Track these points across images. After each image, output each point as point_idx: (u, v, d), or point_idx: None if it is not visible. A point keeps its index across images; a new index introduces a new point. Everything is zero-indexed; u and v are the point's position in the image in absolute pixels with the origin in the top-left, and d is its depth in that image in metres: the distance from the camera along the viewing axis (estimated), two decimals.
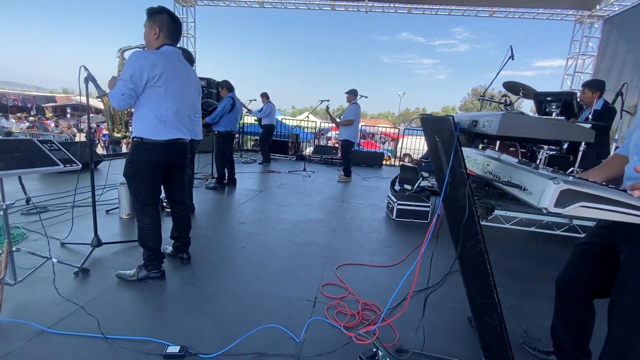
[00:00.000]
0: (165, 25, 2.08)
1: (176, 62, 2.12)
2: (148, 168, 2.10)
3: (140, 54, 2.01)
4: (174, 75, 2.07)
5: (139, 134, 2.06)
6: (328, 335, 1.80)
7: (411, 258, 2.92)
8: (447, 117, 1.37)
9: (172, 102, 2.08)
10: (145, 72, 1.94)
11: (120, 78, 1.96)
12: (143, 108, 2.04)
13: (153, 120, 2.05)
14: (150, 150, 2.08)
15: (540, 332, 1.94)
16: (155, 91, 2.01)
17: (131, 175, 2.13)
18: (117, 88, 1.96)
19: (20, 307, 1.83)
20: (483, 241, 1.44)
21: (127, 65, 1.96)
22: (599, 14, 8.55)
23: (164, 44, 2.10)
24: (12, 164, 1.70)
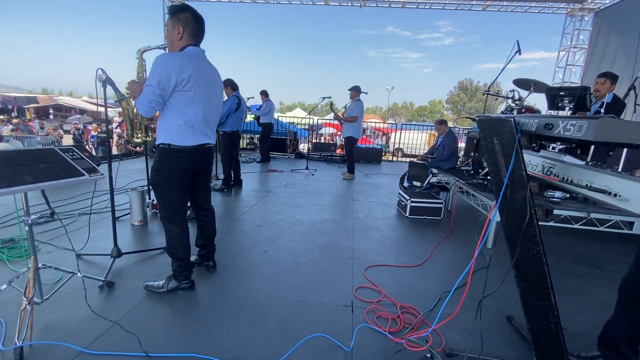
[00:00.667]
0: (190, 24, 1.97)
1: (202, 63, 2.01)
2: (176, 175, 2.01)
3: (167, 57, 1.89)
4: (201, 78, 1.96)
5: (166, 140, 1.96)
6: (374, 341, 1.77)
7: (435, 256, 2.92)
8: (508, 119, 1.34)
9: (200, 106, 1.98)
10: (173, 76, 1.84)
11: (147, 84, 1.85)
12: (170, 113, 1.94)
13: (181, 125, 1.95)
14: (179, 157, 1.99)
15: (577, 328, 1.95)
16: (184, 95, 1.91)
17: (159, 184, 2.03)
18: (144, 95, 1.85)
19: (50, 327, 1.74)
20: (541, 244, 1.42)
21: (154, 70, 1.85)
22: (590, 7, 8.71)
23: (188, 45, 1.99)
24: (40, 176, 1.60)
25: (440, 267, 2.74)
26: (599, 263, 2.99)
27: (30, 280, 1.68)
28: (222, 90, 2.32)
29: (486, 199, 3.34)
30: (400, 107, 56.68)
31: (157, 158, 2.01)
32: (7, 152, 1.64)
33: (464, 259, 2.94)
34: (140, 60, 2.25)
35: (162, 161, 1.99)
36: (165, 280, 2.12)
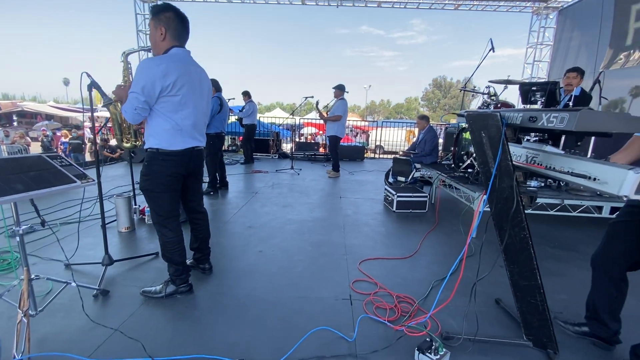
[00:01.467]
0: (172, 24, 1.92)
1: (188, 65, 1.96)
2: (166, 179, 1.99)
3: (151, 62, 1.84)
4: (187, 81, 1.92)
5: (155, 144, 1.94)
6: (375, 331, 1.84)
7: (424, 248, 3.04)
8: (494, 114, 1.44)
9: (187, 110, 1.95)
10: (157, 82, 1.80)
11: (131, 90, 1.81)
12: (157, 118, 1.91)
13: (169, 130, 1.92)
14: (168, 161, 1.96)
15: (559, 306, 2.10)
16: (170, 101, 1.87)
17: (149, 188, 2.01)
18: (129, 102, 1.81)
19: (47, 338, 1.70)
20: (527, 228, 1.54)
21: (137, 76, 1.81)
22: (554, 6, 9.20)
23: (172, 46, 1.94)
24: (31, 184, 1.55)
25: (430, 257, 2.86)
26: (574, 246, 3.21)
27: (25, 292, 1.63)
28: (210, 92, 2.28)
29: (468, 190, 3.50)
30: (378, 105, 57.52)
31: (146, 162, 1.99)
32: None
33: (451, 249, 3.07)
34: (126, 63, 2.20)
35: (151, 165, 1.97)
36: (163, 285, 2.10)
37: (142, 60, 1.88)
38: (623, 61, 6.75)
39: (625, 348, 1.66)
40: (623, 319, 1.70)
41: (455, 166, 4.53)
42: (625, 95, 6.60)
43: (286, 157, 8.83)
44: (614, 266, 1.59)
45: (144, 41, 10.43)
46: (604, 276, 1.64)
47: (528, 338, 1.73)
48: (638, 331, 1.80)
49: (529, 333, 1.73)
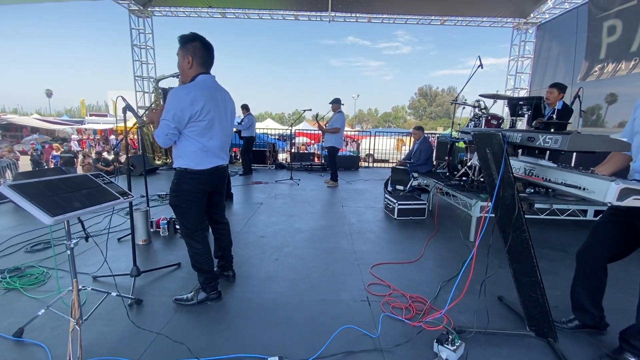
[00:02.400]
0: (199, 52, 2.09)
1: (213, 91, 2.13)
2: (193, 196, 2.14)
3: (181, 91, 2.00)
4: (214, 106, 2.09)
5: (183, 164, 2.10)
6: (394, 328, 2.03)
7: (428, 252, 3.26)
8: (497, 133, 1.69)
9: (214, 133, 2.11)
10: (187, 110, 1.97)
11: (162, 117, 1.98)
12: (185, 141, 2.07)
13: (196, 151, 2.08)
14: (195, 179, 2.12)
15: (554, 301, 2.33)
16: (198, 125, 2.04)
17: (178, 204, 2.17)
18: (160, 128, 1.99)
19: (94, 345, 1.82)
20: (527, 231, 1.77)
21: (168, 105, 1.98)
22: (533, 21, 9.80)
23: (198, 73, 2.11)
24: (85, 202, 1.70)
25: (434, 261, 3.08)
26: (563, 247, 3.49)
27: (75, 301, 1.76)
28: (234, 112, 2.42)
29: (466, 197, 3.76)
30: (366, 114, 58.44)
31: (175, 180, 2.15)
32: (48, 180, 1.72)
33: (452, 253, 3.30)
34: (157, 89, 2.38)
35: (179, 183, 2.13)
36: (194, 293, 2.25)
37: (172, 89, 2.05)
38: (598, 73, 7.26)
39: (615, 335, 1.89)
40: (611, 312, 1.94)
41: (451, 174, 4.81)
42: (602, 102, 7.10)
43: (283, 168, 9.02)
44: (596, 260, 1.83)
45: (139, 55, 10.55)
46: (588, 269, 1.88)
47: (531, 329, 1.95)
48: (624, 320, 2.04)
49: (531, 324, 1.95)
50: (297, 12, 10.21)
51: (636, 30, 6.29)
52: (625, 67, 6.50)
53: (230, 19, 10.71)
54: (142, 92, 10.62)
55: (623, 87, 6.63)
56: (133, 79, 10.58)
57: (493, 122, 4.32)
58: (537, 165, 1.67)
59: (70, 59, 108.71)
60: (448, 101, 53.01)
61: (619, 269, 1.86)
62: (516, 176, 1.74)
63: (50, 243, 3.24)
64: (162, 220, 3.56)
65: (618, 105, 6.79)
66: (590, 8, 7.47)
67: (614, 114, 6.91)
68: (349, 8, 9.69)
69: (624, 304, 2.27)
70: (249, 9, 10.12)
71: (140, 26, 10.45)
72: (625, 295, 2.39)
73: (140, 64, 10.62)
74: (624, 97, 6.63)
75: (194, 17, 10.67)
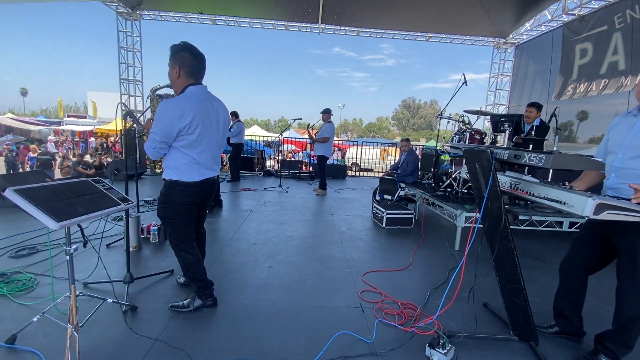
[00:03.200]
0: (186, 62, 2.04)
1: (204, 102, 2.08)
2: (183, 207, 2.13)
3: (168, 104, 1.97)
4: (204, 118, 2.06)
5: (173, 176, 2.08)
6: (387, 333, 2.11)
7: (416, 260, 3.38)
8: (486, 150, 1.82)
9: (203, 145, 2.09)
10: (175, 124, 1.95)
11: (151, 131, 1.98)
12: (176, 153, 2.06)
13: (186, 164, 2.06)
14: (185, 191, 2.10)
15: (534, 307, 2.46)
16: (187, 138, 2.02)
17: (166, 216, 2.15)
18: (149, 141, 1.99)
19: (91, 351, 1.81)
20: (512, 240, 1.91)
21: (157, 118, 1.97)
22: (512, 41, 10.35)
23: (188, 84, 2.07)
24: (89, 207, 1.71)
25: (422, 268, 3.20)
26: (541, 256, 3.69)
27: (73, 307, 1.75)
28: (227, 122, 2.36)
29: (451, 208, 3.92)
30: (351, 123, 59.21)
31: (165, 192, 2.13)
32: (52, 185, 1.72)
33: (440, 261, 3.44)
34: (154, 98, 2.41)
35: (169, 195, 2.11)
36: (190, 300, 2.26)
37: (161, 102, 2.02)
38: (571, 92, 7.74)
39: (591, 339, 2.04)
40: (588, 318, 2.10)
41: (436, 185, 5.00)
42: (573, 119, 7.57)
43: (270, 175, 9.04)
44: (576, 271, 1.99)
45: (125, 58, 10.39)
46: (569, 280, 2.03)
47: (514, 333, 2.08)
48: (599, 325, 2.20)
49: (515, 329, 2.08)
50: (287, 23, 10.37)
51: (605, 53, 6.78)
52: (595, 88, 6.98)
53: (221, 26, 10.76)
54: (128, 95, 10.43)
55: (593, 105, 7.11)
56: (118, 82, 10.40)
57: (476, 137, 4.54)
58: (522, 180, 1.82)
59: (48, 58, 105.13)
60: (430, 114, 54.58)
61: (593, 278, 2.01)
62: (502, 190, 1.88)
63: (36, 248, 3.16)
64: (153, 226, 3.53)
65: (588, 123, 7.26)
66: (564, 31, 8.00)
67: (584, 130, 7.38)
68: (339, 21, 9.95)
69: (598, 311, 2.44)
70: (240, 17, 10.21)
71: (127, 29, 10.33)
72: (599, 303, 2.57)
73: (127, 67, 10.46)
74: (594, 114, 7.09)
75: (184, 23, 10.66)
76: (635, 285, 1.69)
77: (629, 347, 1.82)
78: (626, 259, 1.72)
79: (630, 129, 1.72)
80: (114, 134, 14.52)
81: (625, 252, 1.72)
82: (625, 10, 6.36)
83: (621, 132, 1.78)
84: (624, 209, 1.34)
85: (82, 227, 1.91)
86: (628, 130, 1.73)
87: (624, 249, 1.72)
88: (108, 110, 24.14)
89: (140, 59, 10.71)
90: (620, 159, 1.72)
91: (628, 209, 1.34)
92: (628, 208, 1.34)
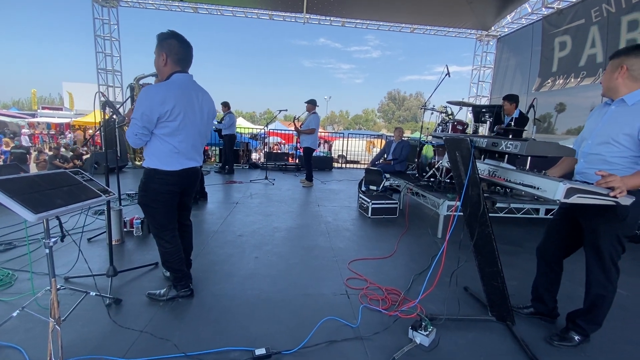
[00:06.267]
0: (173, 50, 2.03)
1: (188, 90, 2.08)
2: (162, 196, 2.11)
3: (150, 90, 1.96)
4: (186, 107, 2.04)
5: (153, 165, 2.06)
6: (372, 318, 2.17)
7: (400, 248, 3.46)
8: (466, 139, 1.88)
9: (185, 134, 2.07)
10: (155, 110, 1.93)
11: (132, 116, 1.95)
12: (156, 141, 2.04)
13: (166, 152, 2.04)
14: (164, 180, 2.08)
15: (511, 289, 2.58)
16: (168, 125, 2.00)
17: (146, 204, 2.13)
18: (130, 127, 1.95)
19: (75, 345, 1.79)
20: (491, 226, 1.98)
21: (138, 104, 1.93)
22: (493, 34, 10.52)
23: (173, 72, 2.06)
24: (68, 199, 1.67)
25: (406, 256, 3.28)
26: (518, 242, 3.84)
27: (54, 301, 1.72)
28: (212, 114, 2.34)
29: (434, 197, 4.02)
30: (338, 115, 59.17)
31: (144, 180, 2.11)
32: (27, 177, 1.67)
33: (423, 248, 3.53)
34: (138, 88, 2.34)
35: (148, 182, 2.09)
36: (166, 289, 2.26)
37: (143, 87, 2.00)
38: (550, 84, 7.96)
39: (563, 319, 2.15)
40: (563, 300, 2.21)
41: (420, 176, 5.10)
42: (552, 111, 7.81)
43: (257, 167, 8.98)
44: (552, 255, 2.09)
45: (102, 47, 10.00)
46: (545, 263, 2.13)
47: (492, 314, 2.17)
48: (571, 304, 2.32)
49: (493, 310, 2.18)
50: (272, 12, 10.20)
51: (584, 46, 6.99)
52: (574, 80, 7.20)
53: (202, 14, 10.47)
54: (106, 85, 10.07)
55: (570, 98, 7.34)
56: (96, 72, 10.02)
57: (459, 127, 4.64)
58: (499, 167, 1.88)
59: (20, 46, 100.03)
60: (415, 105, 55.06)
61: (570, 262, 2.11)
62: (481, 177, 1.95)
63: (13, 244, 3.06)
64: (136, 219, 3.47)
65: (566, 114, 7.51)
66: (544, 24, 8.18)
67: (562, 122, 7.62)
68: (324, 11, 9.85)
69: (572, 292, 2.57)
70: (223, 6, 9.96)
71: (104, 16, 9.92)
72: (574, 285, 2.70)
73: (104, 56, 10.08)
74: (571, 106, 7.33)
75: (164, 10, 10.33)
76: (600, 265, 1.79)
77: (598, 324, 1.93)
78: (591, 241, 1.81)
79: (602, 117, 1.81)
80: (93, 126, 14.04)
81: (589, 234, 1.82)
82: (602, 4, 6.55)
83: (594, 120, 1.87)
84: (592, 193, 1.41)
85: (60, 220, 1.86)
86: (600, 118, 1.82)
87: (588, 232, 1.82)
88: (85, 101, 23.31)
89: (119, 48, 10.34)
90: (589, 144, 1.81)
91: (595, 193, 1.42)
92: (596, 192, 1.42)
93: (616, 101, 1.76)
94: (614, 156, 1.69)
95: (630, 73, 1.68)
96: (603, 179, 1.46)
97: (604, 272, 1.78)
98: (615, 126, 1.70)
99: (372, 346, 1.89)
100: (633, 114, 1.65)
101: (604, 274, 1.79)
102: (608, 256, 1.76)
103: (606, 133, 1.72)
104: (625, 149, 1.65)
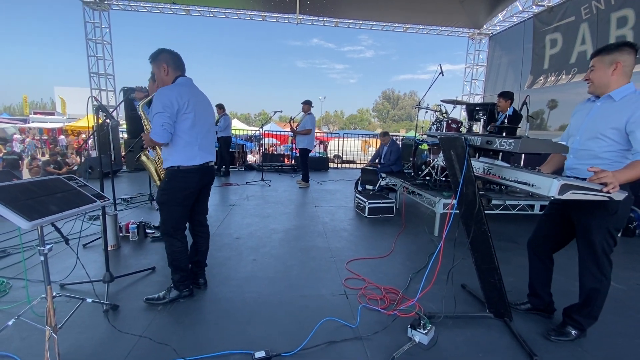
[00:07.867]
0: (170, 60, 2.19)
1: (194, 89, 2.24)
2: (183, 194, 2.20)
3: (164, 89, 2.09)
4: (198, 102, 2.19)
5: (175, 162, 2.15)
6: (371, 317, 2.18)
7: (397, 247, 3.47)
8: (460, 137, 1.89)
9: (200, 127, 2.19)
10: (175, 101, 2.05)
11: (154, 112, 2.04)
12: (176, 138, 2.13)
13: (187, 147, 2.14)
14: (187, 177, 2.18)
15: (508, 286, 2.59)
16: (186, 118, 2.11)
17: (165, 202, 2.20)
18: (155, 121, 2.03)
19: (72, 352, 1.77)
20: (487, 223, 2.00)
21: (156, 101, 2.05)
22: (485, 32, 10.60)
23: (177, 77, 2.20)
24: (62, 205, 1.65)
25: (403, 255, 3.29)
26: (514, 238, 3.87)
27: (50, 309, 1.70)
28: (213, 115, 2.49)
29: (430, 195, 4.03)
30: (333, 115, 59.22)
31: (167, 179, 2.19)
32: (20, 184, 1.65)
33: (420, 247, 3.54)
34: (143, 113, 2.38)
35: (171, 181, 2.17)
36: (165, 292, 2.26)
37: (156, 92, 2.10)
38: (542, 82, 8.04)
39: (560, 314, 2.17)
40: (558, 295, 2.23)
41: (415, 174, 5.11)
42: (544, 107, 7.88)
43: (252, 169, 8.96)
44: (542, 248, 2.12)
45: (94, 50, 9.91)
46: (535, 257, 2.16)
47: (490, 311, 2.19)
48: (566, 300, 2.34)
49: (491, 306, 2.19)
50: (265, 13, 10.19)
51: (574, 43, 7.07)
52: (565, 77, 7.27)
53: (195, 16, 10.43)
54: (99, 89, 9.99)
55: (562, 94, 7.41)
56: (88, 76, 9.93)
57: (453, 126, 4.67)
58: (494, 165, 1.90)
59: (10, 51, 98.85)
60: (410, 105, 55.27)
61: (563, 256, 2.14)
62: (476, 175, 1.96)
63: (7, 252, 3.02)
64: (132, 224, 3.44)
65: (558, 111, 7.58)
66: (535, 22, 8.26)
67: (555, 118, 7.70)
68: (317, 12, 9.86)
69: (567, 287, 2.59)
70: (215, 7, 9.93)
71: (95, 20, 9.85)
72: (568, 280, 2.73)
73: (96, 60, 10.01)
74: (563, 103, 7.41)
75: (156, 13, 10.27)
76: (593, 259, 1.82)
77: (594, 318, 1.96)
78: (583, 236, 1.84)
79: (588, 114, 1.84)
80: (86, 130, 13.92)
81: (582, 229, 1.84)
82: (591, 2, 6.63)
83: (580, 116, 1.91)
84: (586, 189, 1.43)
85: (57, 227, 1.84)
86: (586, 114, 1.85)
87: (580, 227, 1.84)
88: (78, 106, 23.10)
89: (111, 51, 10.28)
90: (578, 140, 1.84)
91: (589, 189, 1.43)
92: (589, 188, 1.44)
93: (602, 97, 1.79)
94: (604, 151, 1.72)
95: (623, 70, 1.71)
96: (595, 175, 1.48)
97: (597, 266, 1.81)
98: (602, 121, 1.73)
99: (371, 346, 1.89)
100: (620, 108, 1.68)
101: (597, 268, 1.81)
102: (601, 249, 1.79)
103: (594, 128, 1.75)
104: (614, 143, 1.69)
